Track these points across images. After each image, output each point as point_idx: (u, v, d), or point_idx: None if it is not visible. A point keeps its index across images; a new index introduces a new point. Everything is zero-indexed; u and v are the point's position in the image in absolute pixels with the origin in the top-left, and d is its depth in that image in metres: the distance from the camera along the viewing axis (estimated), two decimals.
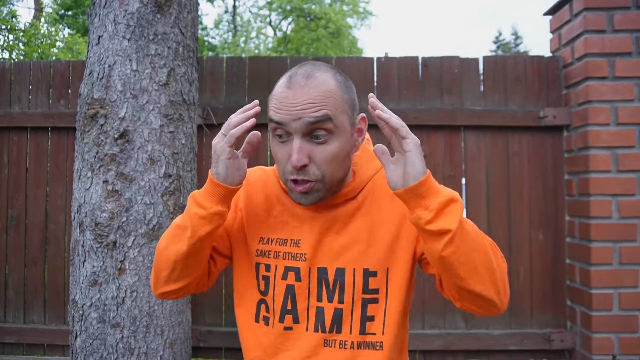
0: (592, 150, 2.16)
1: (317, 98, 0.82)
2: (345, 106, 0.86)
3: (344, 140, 0.86)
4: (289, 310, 0.90)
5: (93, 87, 1.64)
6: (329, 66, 0.89)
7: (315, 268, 0.90)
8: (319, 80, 0.84)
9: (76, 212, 1.67)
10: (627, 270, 2.12)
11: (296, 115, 0.82)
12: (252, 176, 1.01)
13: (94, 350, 1.61)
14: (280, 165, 0.87)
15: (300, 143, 0.83)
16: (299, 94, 0.82)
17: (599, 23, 2.17)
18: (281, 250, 0.92)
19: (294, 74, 0.85)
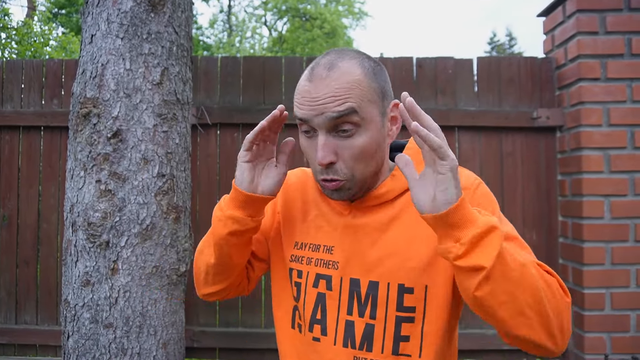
0: (585, 151, 2.17)
1: (340, 90, 0.76)
2: (373, 95, 0.79)
3: (373, 132, 0.80)
4: (318, 320, 0.86)
5: (86, 86, 1.63)
6: (356, 52, 0.83)
7: (347, 279, 0.84)
8: (342, 70, 0.78)
9: (69, 211, 1.66)
10: (619, 270, 2.14)
11: (318, 110, 0.77)
12: (291, 178, 0.98)
13: (86, 351, 1.60)
14: (311, 163, 0.84)
15: (325, 139, 0.78)
16: (321, 87, 0.77)
17: (591, 25, 2.18)
18: (314, 257, 0.88)
19: (316, 65, 0.80)
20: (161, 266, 1.65)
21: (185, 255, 1.75)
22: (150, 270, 1.63)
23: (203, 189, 2.41)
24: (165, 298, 1.66)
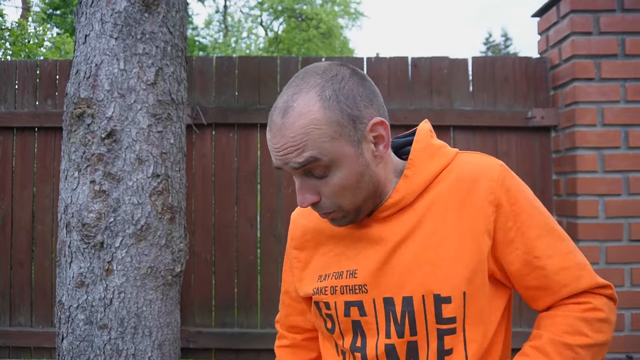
0: (579, 150, 2.18)
1: (296, 138, 0.71)
2: (338, 129, 0.72)
3: (348, 166, 0.74)
4: (358, 348, 0.81)
5: (80, 87, 1.62)
6: (319, 75, 0.74)
7: (380, 299, 0.78)
8: (296, 114, 0.71)
9: (63, 212, 1.65)
10: (614, 270, 2.15)
11: (283, 160, 0.74)
12: (297, 220, 0.95)
13: (81, 353, 1.59)
14: None
15: (301, 182, 0.76)
16: (277, 137, 0.73)
17: (585, 25, 2.19)
18: (338, 285, 0.82)
19: (274, 109, 0.75)
20: (156, 267, 1.65)
21: (180, 256, 1.75)
22: (145, 271, 1.62)
23: (198, 189, 2.41)
24: (161, 299, 1.66)
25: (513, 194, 0.78)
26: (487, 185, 0.77)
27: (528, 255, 0.77)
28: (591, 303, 0.77)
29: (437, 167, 0.80)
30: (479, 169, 0.79)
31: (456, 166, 0.80)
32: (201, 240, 2.39)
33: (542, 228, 0.78)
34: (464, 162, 0.81)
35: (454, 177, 0.79)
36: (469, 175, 0.78)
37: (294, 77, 0.77)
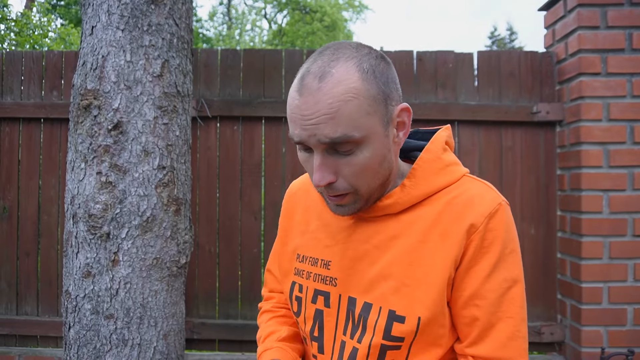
0: (584, 145, 2.17)
1: (334, 105, 0.66)
2: (373, 104, 0.69)
3: (375, 146, 0.71)
4: (316, 337, 0.83)
5: (86, 78, 1.63)
6: (355, 49, 0.72)
7: (345, 297, 0.79)
8: (335, 79, 0.67)
9: (69, 203, 1.66)
10: (617, 265, 2.15)
11: (310, 131, 0.68)
12: (293, 189, 0.97)
13: (87, 342, 1.61)
14: (310, 176, 0.76)
15: (321, 159, 0.70)
16: (311, 103, 0.67)
17: (592, 19, 2.18)
18: (312, 271, 0.83)
19: (307, 73, 0.69)
20: (161, 258, 1.66)
21: (186, 247, 1.76)
22: (150, 262, 1.64)
23: (203, 181, 2.42)
24: (166, 290, 1.67)
25: (493, 235, 0.74)
26: (474, 218, 0.73)
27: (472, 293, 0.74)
28: None
29: (438, 184, 0.77)
30: (475, 200, 0.75)
31: (455, 189, 0.77)
32: (205, 232, 2.40)
33: (499, 285, 0.74)
34: (466, 188, 0.77)
35: (448, 200, 0.76)
36: (464, 203, 0.75)
37: (322, 48, 0.73)
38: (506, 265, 0.74)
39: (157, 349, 1.64)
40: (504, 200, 0.76)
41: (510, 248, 0.75)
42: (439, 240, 0.74)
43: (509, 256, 0.75)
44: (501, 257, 0.74)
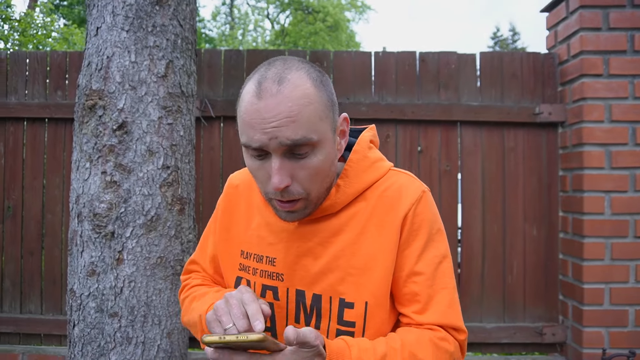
0: (586, 147, 2.18)
1: (294, 109, 0.70)
2: (325, 111, 0.74)
3: (328, 150, 0.76)
4: (268, 328, 0.87)
5: (91, 78, 1.64)
6: (298, 60, 0.76)
7: (293, 290, 0.84)
8: (293, 84, 0.71)
9: (74, 202, 1.68)
10: (619, 266, 2.16)
11: (271, 134, 0.70)
12: (235, 181, 0.96)
13: (92, 339, 1.62)
14: (260, 183, 0.78)
15: (280, 163, 0.72)
16: (272, 105, 0.69)
17: (594, 21, 2.18)
18: (258, 268, 0.87)
19: (263, 79, 0.72)
20: (165, 257, 1.67)
21: (189, 247, 1.77)
22: (154, 261, 1.65)
23: (206, 181, 2.43)
24: (170, 288, 1.69)
25: (420, 219, 0.83)
26: (404, 208, 0.82)
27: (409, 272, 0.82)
28: (444, 335, 0.80)
29: (368, 181, 0.84)
30: (402, 191, 0.83)
31: (384, 182, 0.85)
32: None
33: (431, 261, 0.82)
34: (392, 181, 0.85)
35: (380, 194, 0.83)
36: (393, 194, 0.83)
37: (269, 61, 0.77)
38: (435, 244, 0.84)
39: (160, 347, 1.65)
40: (426, 188, 0.86)
41: (436, 228, 0.85)
42: (376, 231, 0.82)
43: (436, 235, 0.84)
44: (430, 237, 0.83)
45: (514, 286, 2.38)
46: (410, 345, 0.76)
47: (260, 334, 0.61)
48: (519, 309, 2.37)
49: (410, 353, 0.75)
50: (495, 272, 2.38)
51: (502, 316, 2.38)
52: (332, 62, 2.45)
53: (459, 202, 2.44)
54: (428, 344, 0.77)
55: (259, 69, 0.76)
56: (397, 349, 0.75)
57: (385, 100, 2.41)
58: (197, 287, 0.97)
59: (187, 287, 0.99)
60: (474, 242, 2.39)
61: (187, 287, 0.99)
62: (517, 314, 2.37)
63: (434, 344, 0.78)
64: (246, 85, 0.75)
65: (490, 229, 2.39)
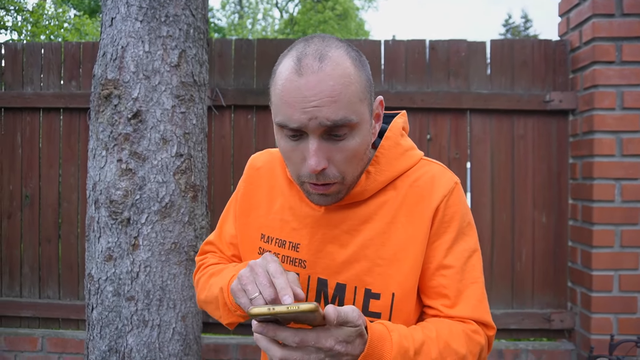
0: (597, 134, 2.18)
1: (336, 88, 0.67)
2: (364, 92, 0.72)
3: (364, 132, 0.73)
4: None
5: (107, 68, 1.68)
6: (337, 38, 0.74)
7: (315, 278, 0.82)
8: (334, 62, 0.68)
9: (91, 189, 1.72)
10: (628, 253, 2.16)
11: (311, 114, 0.67)
12: (256, 163, 0.93)
13: (109, 322, 1.68)
14: (293, 165, 0.75)
15: (318, 144, 0.70)
16: (313, 83, 0.67)
17: (607, 7, 2.16)
18: (280, 253, 0.84)
19: (303, 55, 0.69)
20: (179, 243, 1.72)
21: (202, 233, 1.82)
22: (169, 247, 1.70)
23: (217, 168, 2.47)
24: (184, 273, 1.73)
25: (452, 211, 0.81)
26: (437, 199, 0.80)
27: (438, 264, 0.81)
28: (476, 328, 0.80)
29: (399, 169, 0.82)
30: (435, 182, 0.82)
31: (415, 172, 0.83)
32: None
33: (461, 254, 0.81)
34: (424, 170, 0.83)
35: (411, 183, 0.81)
36: (424, 185, 0.81)
37: (306, 37, 0.74)
38: (465, 238, 0.82)
39: (175, 329, 1.71)
40: (457, 179, 0.84)
41: (466, 221, 0.83)
42: (406, 221, 0.80)
43: (466, 228, 0.83)
44: (460, 230, 0.82)
45: (522, 273, 2.39)
46: (445, 335, 0.75)
47: (312, 304, 0.58)
48: (527, 296, 2.39)
49: (445, 343, 0.74)
50: (504, 259, 2.40)
51: (510, 302, 2.40)
52: None
53: (468, 190, 2.45)
54: (461, 335, 0.76)
55: (296, 45, 0.73)
56: (433, 338, 0.74)
57: (395, 88, 2.42)
58: (214, 265, 0.96)
59: (203, 266, 0.98)
60: (483, 229, 2.40)
61: (202, 267, 0.99)
62: (526, 300, 2.39)
63: (467, 335, 0.77)
64: (282, 62, 0.72)
65: (499, 217, 2.40)
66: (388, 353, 0.67)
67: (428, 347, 0.72)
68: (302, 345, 0.62)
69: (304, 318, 0.62)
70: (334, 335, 0.62)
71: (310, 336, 0.62)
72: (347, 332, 0.63)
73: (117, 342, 1.68)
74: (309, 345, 0.62)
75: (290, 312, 0.58)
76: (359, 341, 0.65)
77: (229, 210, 0.98)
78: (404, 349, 0.69)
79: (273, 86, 0.73)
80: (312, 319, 0.62)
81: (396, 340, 0.69)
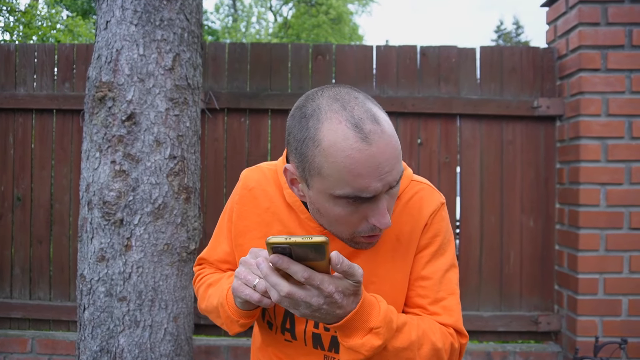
0: (583, 140, 2.22)
1: (397, 146, 0.70)
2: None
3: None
4: (288, 329, 0.90)
5: (101, 71, 1.70)
6: (364, 98, 0.73)
7: None
8: (383, 119, 0.70)
9: (84, 190, 1.74)
10: (613, 257, 2.21)
11: (385, 180, 0.69)
12: (249, 182, 0.94)
13: (101, 323, 1.69)
14: (348, 226, 0.76)
15: (385, 202, 0.73)
16: (383, 148, 0.67)
17: (593, 16, 2.22)
18: None
19: (360, 121, 0.67)
20: (172, 244, 1.73)
21: (195, 234, 1.83)
22: (161, 248, 1.71)
23: (210, 171, 2.49)
24: (176, 274, 1.75)
25: (436, 229, 0.88)
26: (424, 218, 0.87)
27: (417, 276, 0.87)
28: (451, 331, 0.85)
29: None
30: (423, 202, 0.88)
31: (407, 193, 0.88)
32: (212, 221, 2.47)
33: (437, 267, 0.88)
34: (414, 192, 0.89)
35: (403, 205, 0.87)
36: (414, 205, 0.88)
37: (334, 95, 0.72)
38: (445, 254, 0.89)
39: (167, 330, 1.72)
40: (443, 199, 0.91)
41: (447, 238, 0.90)
42: (398, 240, 0.86)
43: (446, 245, 0.90)
44: (441, 246, 0.89)
45: (510, 276, 2.43)
46: (425, 326, 0.80)
47: (323, 237, 0.62)
48: (515, 298, 2.43)
49: (424, 331, 0.79)
50: (492, 262, 2.44)
51: (498, 305, 2.43)
52: (334, 56, 2.49)
53: (457, 193, 2.49)
54: (439, 331, 0.82)
55: (333, 108, 0.69)
56: (414, 324, 0.79)
57: (386, 93, 2.46)
58: (210, 274, 1.00)
59: (201, 276, 1.02)
60: (472, 232, 2.44)
61: (200, 276, 1.02)
62: (514, 303, 2.43)
63: (443, 333, 0.83)
64: (329, 129, 0.68)
65: (488, 220, 2.44)
66: (375, 318, 0.72)
67: (409, 328, 0.77)
68: (309, 281, 0.65)
69: (313, 256, 0.65)
70: (336, 284, 0.66)
71: (317, 276, 0.65)
72: (346, 285, 0.67)
73: (108, 342, 1.69)
74: (314, 283, 0.65)
75: (304, 242, 0.62)
76: (353, 298, 0.69)
77: (222, 228, 1.00)
78: (389, 318, 0.73)
79: (324, 157, 0.69)
80: (321, 257, 0.65)
81: (383, 309, 0.73)
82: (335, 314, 0.69)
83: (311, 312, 0.67)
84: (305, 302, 0.66)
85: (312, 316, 0.68)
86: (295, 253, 0.65)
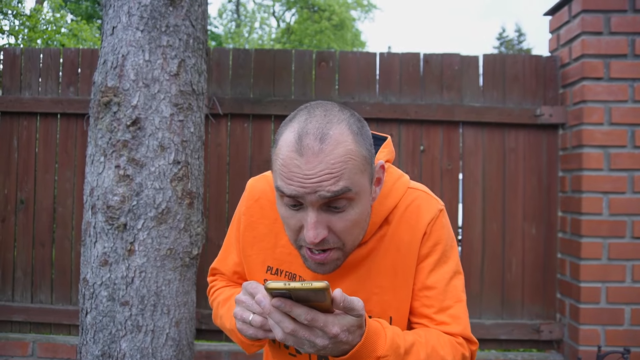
0: (586, 148, 2.23)
1: (336, 166, 0.70)
2: (364, 164, 0.74)
3: (364, 202, 0.76)
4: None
5: (107, 76, 1.71)
6: (339, 109, 0.76)
7: None
8: (334, 141, 0.70)
9: (88, 195, 1.74)
10: (615, 266, 2.21)
11: (311, 189, 0.70)
12: (255, 193, 0.94)
13: (103, 327, 1.69)
14: (291, 231, 0.78)
15: (316, 216, 0.73)
16: (314, 163, 0.69)
17: (596, 25, 2.23)
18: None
19: (304, 133, 0.71)
20: (175, 249, 1.74)
21: (198, 239, 1.84)
22: (164, 252, 1.71)
23: (213, 177, 2.49)
24: (178, 279, 1.75)
25: (436, 236, 0.87)
26: (423, 226, 0.86)
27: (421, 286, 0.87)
28: (461, 341, 0.85)
29: (390, 205, 0.87)
30: (420, 210, 0.87)
31: (404, 202, 0.88)
32: (215, 227, 2.48)
33: (442, 276, 0.87)
34: (411, 200, 0.88)
35: (401, 214, 0.87)
36: (412, 214, 0.87)
37: (309, 107, 0.76)
38: (448, 261, 0.88)
39: (169, 335, 1.72)
40: (442, 205, 0.90)
41: (449, 245, 0.89)
42: (398, 250, 0.86)
43: (449, 252, 0.89)
44: (443, 254, 0.88)
45: (512, 284, 2.43)
46: (433, 341, 0.80)
47: (323, 282, 0.61)
48: (517, 307, 2.43)
49: (433, 348, 0.78)
50: (494, 270, 2.44)
51: (500, 313, 2.43)
52: (337, 62, 2.51)
53: (459, 201, 2.49)
54: (448, 344, 0.81)
55: (298, 116, 0.75)
56: (422, 342, 0.78)
57: (389, 100, 2.47)
58: (222, 288, 1.02)
59: (214, 289, 1.04)
60: (474, 240, 2.44)
61: (213, 289, 1.04)
62: (515, 311, 2.43)
63: (453, 345, 0.82)
64: (284, 133, 0.74)
65: (490, 228, 2.44)
66: (381, 347, 0.72)
67: (417, 348, 0.77)
68: (312, 323, 0.65)
69: (314, 298, 0.65)
70: (340, 323, 0.66)
71: (320, 318, 0.65)
72: (350, 322, 0.67)
73: (110, 347, 1.69)
74: (317, 325, 0.65)
75: (303, 288, 0.61)
76: (358, 332, 0.70)
77: (231, 238, 1.01)
78: (395, 344, 0.73)
79: (275, 154, 0.75)
80: (322, 300, 0.65)
81: (390, 336, 0.73)
82: (342, 349, 0.69)
83: (316, 350, 0.68)
84: (310, 342, 0.67)
85: (318, 353, 0.68)
86: (295, 296, 0.64)
